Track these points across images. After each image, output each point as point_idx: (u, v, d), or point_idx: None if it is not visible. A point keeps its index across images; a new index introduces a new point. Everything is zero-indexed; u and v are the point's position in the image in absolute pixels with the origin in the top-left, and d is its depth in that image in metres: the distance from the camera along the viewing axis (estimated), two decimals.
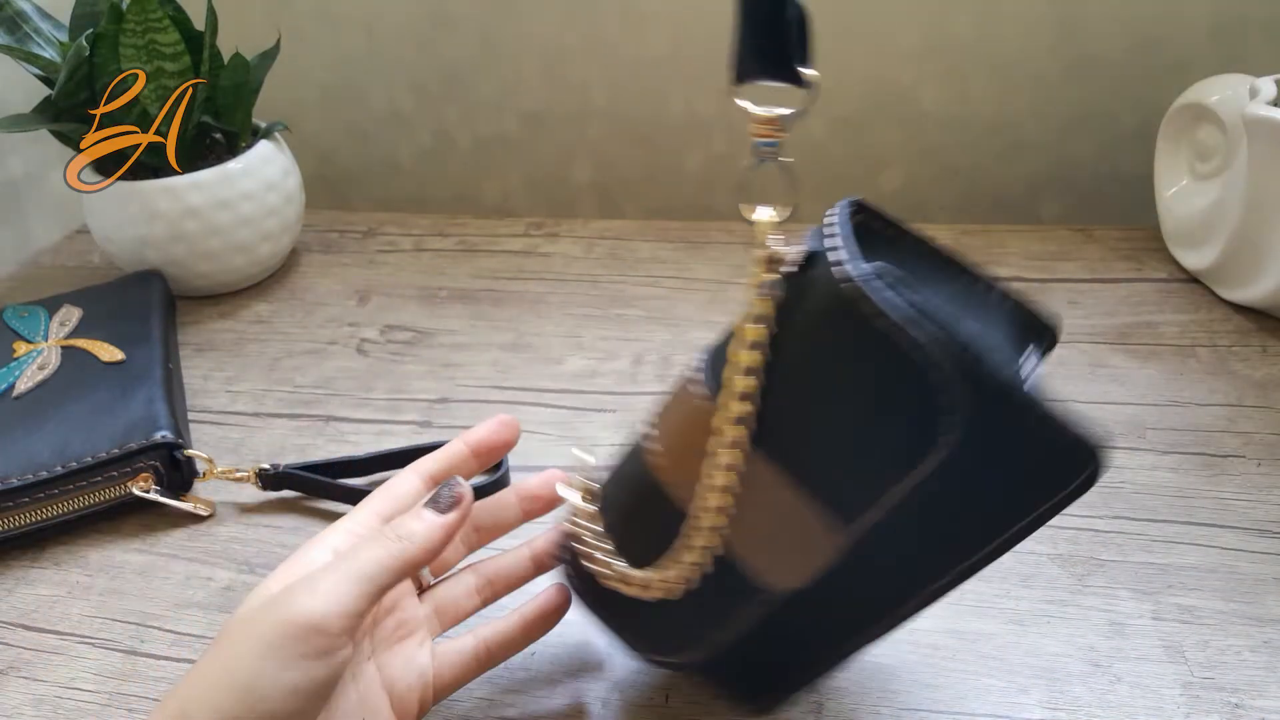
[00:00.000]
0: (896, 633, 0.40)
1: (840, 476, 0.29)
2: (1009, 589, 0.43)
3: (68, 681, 0.42)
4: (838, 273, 0.27)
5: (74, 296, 0.64)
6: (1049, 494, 0.30)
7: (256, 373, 0.62)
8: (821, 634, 0.34)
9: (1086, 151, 0.77)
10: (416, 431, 0.56)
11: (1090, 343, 0.60)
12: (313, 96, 0.86)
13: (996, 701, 0.38)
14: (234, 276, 0.70)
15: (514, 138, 0.85)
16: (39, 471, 0.48)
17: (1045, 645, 0.40)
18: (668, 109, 0.81)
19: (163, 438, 0.50)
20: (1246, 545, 0.44)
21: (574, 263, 0.73)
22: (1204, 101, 0.63)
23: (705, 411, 0.30)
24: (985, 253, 0.70)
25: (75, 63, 0.61)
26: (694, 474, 0.30)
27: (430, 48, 0.82)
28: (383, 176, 0.89)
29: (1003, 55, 0.74)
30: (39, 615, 0.45)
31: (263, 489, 0.51)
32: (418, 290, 0.70)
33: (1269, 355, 0.57)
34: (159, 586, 0.46)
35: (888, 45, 0.75)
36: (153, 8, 0.60)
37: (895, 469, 0.28)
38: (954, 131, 0.78)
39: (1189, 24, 0.71)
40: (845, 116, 0.78)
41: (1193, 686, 0.38)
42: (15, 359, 0.58)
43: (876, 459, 0.28)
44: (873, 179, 0.81)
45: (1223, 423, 0.52)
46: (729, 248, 0.73)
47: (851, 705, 0.38)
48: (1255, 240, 0.58)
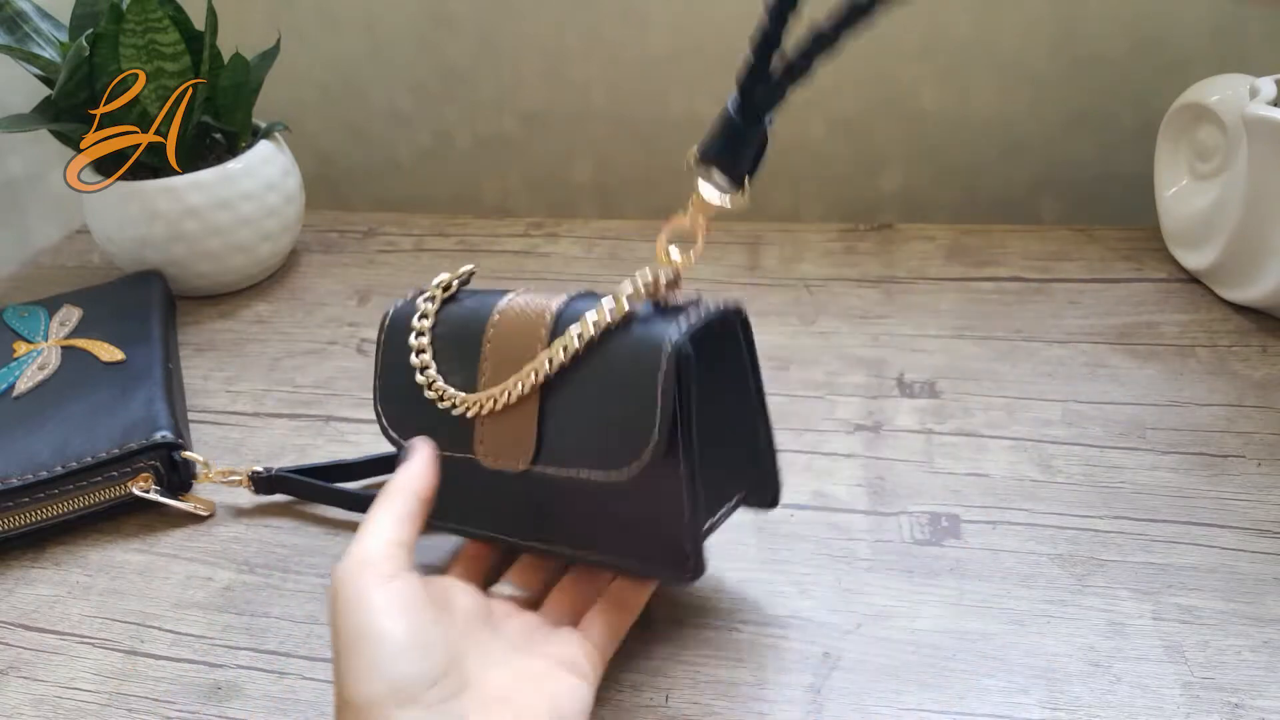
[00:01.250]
0: (894, 631, 0.40)
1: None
2: (1009, 589, 0.43)
3: (68, 681, 0.42)
4: (678, 334, 0.37)
5: (74, 296, 0.64)
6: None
7: (256, 373, 0.62)
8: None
9: (1086, 151, 0.77)
10: None
11: (1090, 343, 0.60)
12: (313, 96, 0.86)
13: (996, 701, 0.38)
14: (234, 276, 0.70)
15: (514, 138, 0.85)
16: (39, 471, 0.48)
17: (1045, 645, 0.40)
18: (668, 109, 0.81)
19: (163, 438, 0.50)
20: (1246, 545, 0.44)
21: (574, 263, 0.73)
22: (1204, 101, 0.63)
23: (538, 341, 0.40)
24: (985, 253, 0.70)
25: (75, 63, 0.61)
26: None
27: (430, 48, 0.82)
28: (383, 176, 0.89)
29: (1003, 55, 0.74)
30: (39, 615, 0.45)
31: (255, 492, 0.51)
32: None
33: (1269, 355, 0.57)
34: (159, 586, 0.46)
35: (888, 45, 0.75)
36: (153, 8, 0.60)
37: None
38: (954, 131, 0.78)
39: (1189, 24, 0.71)
40: (845, 116, 0.78)
41: (1193, 686, 0.38)
42: (15, 359, 0.58)
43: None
44: (873, 179, 0.81)
45: (1223, 423, 0.52)
46: (729, 247, 0.73)
47: (851, 705, 0.38)
48: (1255, 240, 0.58)
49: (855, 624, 0.42)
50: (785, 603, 0.43)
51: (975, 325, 0.62)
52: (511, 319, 0.41)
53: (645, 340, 0.37)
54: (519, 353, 0.40)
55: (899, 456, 0.51)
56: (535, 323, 0.40)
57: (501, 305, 0.42)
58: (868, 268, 0.70)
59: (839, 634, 0.41)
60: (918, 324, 0.63)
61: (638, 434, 0.37)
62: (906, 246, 0.72)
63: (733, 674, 0.40)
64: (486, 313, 0.42)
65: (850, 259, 0.71)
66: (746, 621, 0.42)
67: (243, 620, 0.44)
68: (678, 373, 0.36)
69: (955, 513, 0.47)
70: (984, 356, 0.59)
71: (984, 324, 0.62)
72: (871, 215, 0.82)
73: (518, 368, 0.40)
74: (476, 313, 0.42)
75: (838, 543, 0.46)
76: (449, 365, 0.42)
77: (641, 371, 0.37)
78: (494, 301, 0.42)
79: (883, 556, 0.45)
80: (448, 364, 0.43)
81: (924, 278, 0.68)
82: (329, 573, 0.46)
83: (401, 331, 0.44)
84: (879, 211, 0.82)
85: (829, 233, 0.75)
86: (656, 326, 0.38)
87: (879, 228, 0.75)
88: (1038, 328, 0.61)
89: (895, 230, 0.75)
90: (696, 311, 0.39)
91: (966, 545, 0.46)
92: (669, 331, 0.37)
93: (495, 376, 0.41)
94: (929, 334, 0.62)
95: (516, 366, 0.40)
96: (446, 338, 0.43)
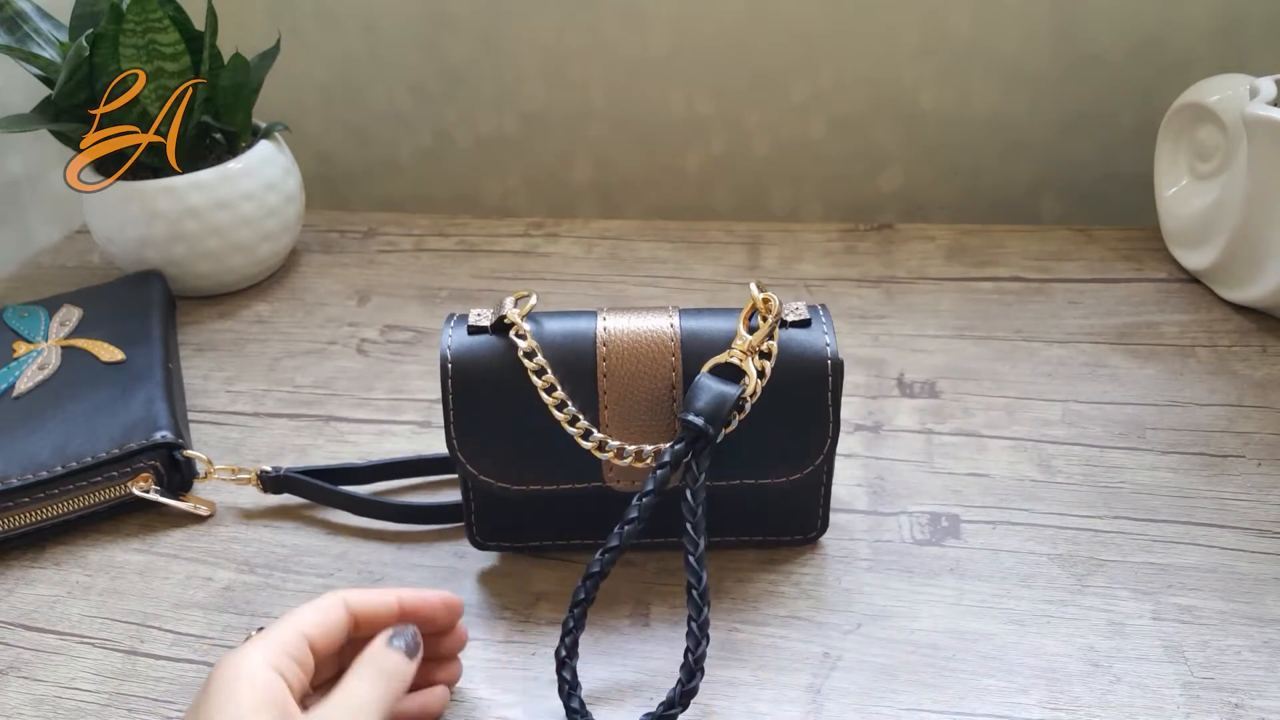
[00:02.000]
0: (894, 631, 0.40)
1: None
2: (1009, 589, 0.43)
3: (68, 681, 0.42)
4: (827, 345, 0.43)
5: (74, 296, 0.64)
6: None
7: (256, 373, 0.62)
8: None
9: (1086, 151, 0.77)
10: (416, 432, 0.56)
11: (1090, 343, 0.60)
12: (313, 96, 0.86)
13: (996, 701, 0.38)
14: (234, 276, 0.70)
15: (514, 138, 0.85)
16: (39, 471, 0.48)
17: (1045, 645, 0.40)
18: (668, 109, 0.81)
19: (163, 438, 0.50)
20: (1246, 545, 0.44)
21: (574, 263, 0.73)
22: (1204, 101, 0.63)
23: (672, 369, 0.42)
24: (985, 253, 0.70)
25: (75, 63, 0.61)
26: None
27: (430, 48, 0.82)
28: (383, 176, 0.89)
29: (1003, 55, 0.74)
30: (39, 615, 0.45)
31: (264, 491, 0.51)
32: (418, 290, 0.70)
33: (1269, 355, 0.57)
34: (159, 586, 0.46)
35: (888, 45, 0.75)
36: (153, 8, 0.60)
37: None
38: (954, 131, 0.78)
39: (1189, 24, 0.71)
40: (845, 116, 0.79)
41: (1193, 686, 0.38)
42: (15, 359, 0.58)
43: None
44: (873, 179, 0.81)
45: (1223, 423, 0.52)
46: (729, 247, 0.73)
47: (852, 705, 0.38)
48: (1255, 240, 0.58)
49: (855, 624, 0.42)
50: (785, 603, 0.43)
51: (975, 325, 0.62)
52: (625, 347, 0.42)
53: (803, 357, 0.42)
54: (646, 382, 0.42)
55: (899, 456, 0.51)
56: (658, 349, 0.42)
57: (603, 333, 0.42)
58: (868, 268, 0.70)
59: (839, 634, 0.41)
60: (918, 324, 0.63)
61: (815, 443, 0.42)
62: (906, 246, 0.72)
63: (733, 674, 0.40)
64: (589, 341, 0.42)
65: (850, 259, 0.71)
66: (746, 621, 0.42)
67: (243, 620, 0.44)
68: (839, 381, 0.41)
69: (955, 513, 0.47)
70: (984, 356, 0.59)
71: (984, 324, 0.62)
72: (871, 215, 0.82)
73: (646, 397, 0.42)
74: (575, 342, 0.42)
75: (838, 543, 0.46)
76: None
77: (811, 387, 0.41)
78: (589, 328, 0.42)
79: (883, 556, 0.45)
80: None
81: (924, 278, 0.68)
82: (328, 574, 0.46)
83: (477, 369, 0.42)
84: (879, 211, 0.82)
85: (829, 233, 0.75)
86: (805, 342, 0.42)
87: (879, 228, 0.75)
88: (1038, 328, 0.61)
89: (895, 230, 0.75)
90: (820, 320, 0.43)
91: (966, 545, 0.46)
92: (821, 347, 0.42)
93: (619, 408, 0.42)
94: (929, 334, 0.62)
95: (644, 396, 0.42)
96: (553, 370, 0.42)
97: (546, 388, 0.41)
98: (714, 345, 0.41)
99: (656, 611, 0.43)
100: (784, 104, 0.78)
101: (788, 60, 0.77)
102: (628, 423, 0.42)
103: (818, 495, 0.45)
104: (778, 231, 0.75)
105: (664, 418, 0.42)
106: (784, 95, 0.78)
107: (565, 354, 0.42)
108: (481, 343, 0.43)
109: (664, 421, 0.42)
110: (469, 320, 0.44)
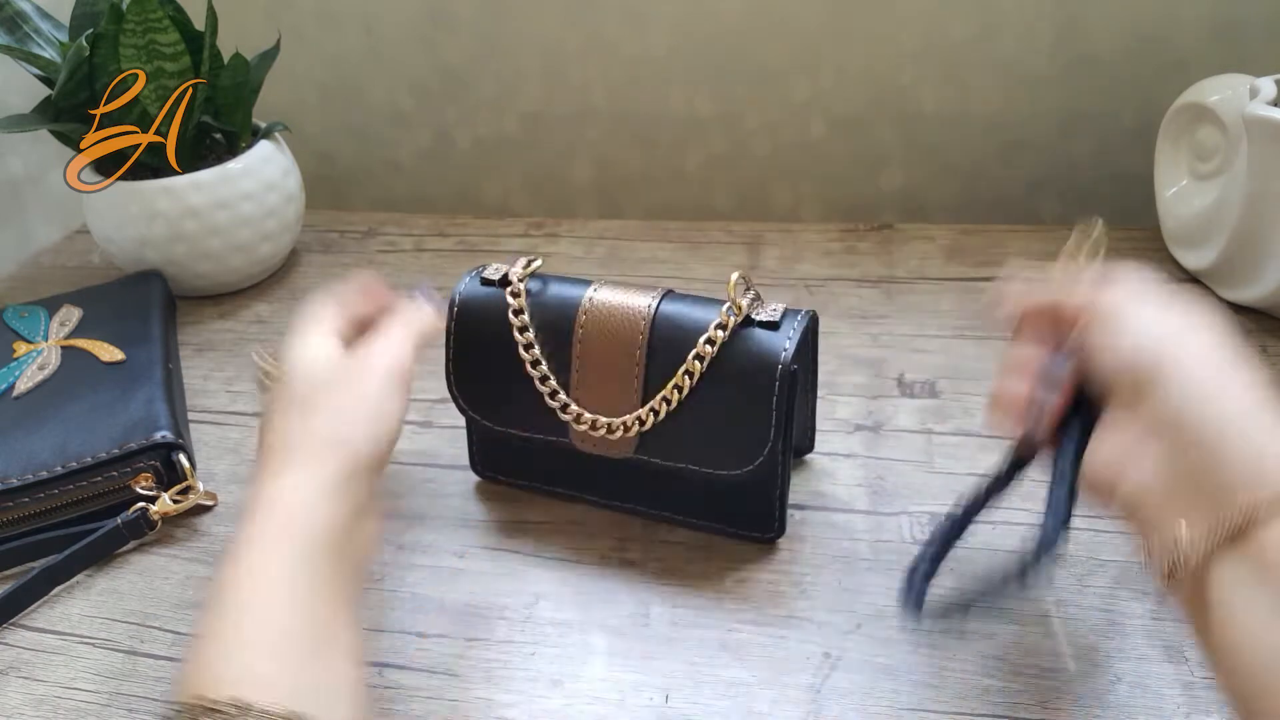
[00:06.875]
0: (894, 632, 0.40)
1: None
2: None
3: (68, 681, 0.42)
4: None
5: (74, 296, 0.64)
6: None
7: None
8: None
9: (1086, 151, 0.77)
10: (417, 431, 0.56)
11: None
12: (313, 96, 0.86)
13: (996, 702, 0.38)
14: (234, 276, 0.70)
15: (514, 138, 0.85)
16: (39, 471, 0.48)
17: (1044, 645, 0.40)
18: (668, 109, 0.81)
19: (163, 438, 0.50)
20: None
21: (574, 263, 0.73)
22: (1204, 101, 0.63)
23: (637, 347, 0.44)
24: (985, 253, 0.70)
25: (75, 63, 0.61)
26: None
27: (430, 48, 0.82)
28: (383, 176, 0.89)
29: (1003, 55, 0.74)
30: (39, 615, 0.45)
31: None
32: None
33: (1269, 355, 0.57)
34: (159, 586, 0.46)
35: (888, 45, 0.75)
36: (153, 8, 0.60)
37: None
38: (954, 131, 0.78)
39: (1189, 24, 0.71)
40: (845, 116, 0.78)
41: (1193, 686, 0.38)
42: (15, 359, 0.58)
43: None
44: (873, 179, 0.81)
45: None
46: (729, 247, 0.73)
47: (852, 705, 0.38)
48: (1255, 240, 0.58)
49: (855, 624, 0.42)
50: (785, 603, 0.43)
51: (975, 325, 0.62)
52: (602, 319, 0.44)
53: (757, 358, 0.42)
54: (615, 355, 0.44)
55: (899, 456, 0.51)
56: (630, 326, 0.43)
57: (587, 303, 0.44)
58: (868, 268, 0.70)
59: (839, 634, 0.41)
60: (918, 324, 0.63)
61: (754, 443, 0.42)
62: (906, 246, 0.72)
63: (733, 674, 0.40)
64: (572, 309, 0.45)
65: (850, 259, 0.71)
66: (746, 621, 0.42)
67: None
68: (788, 389, 0.41)
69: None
70: (984, 356, 0.59)
71: (984, 324, 0.62)
72: (871, 215, 0.82)
73: (614, 368, 0.44)
74: (562, 307, 0.45)
75: (838, 543, 0.46)
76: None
77: (757, 388, 0.42)
78: (577, 296, 0.45)
79: (883, 556, 0.45)
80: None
81: (924, 278, 0.68)
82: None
83: (477, 316, 0.46)
84: (879, 211, 0.82)
85: (829, 233, 0.75)
86: (764, 343, 0.42)
87: (879, 228, 0.75)
88: None
89: (895, 230, 0.75)
90: (791, 325, 0.43)
91: (966, 545, 0.45)
92: (777, 351, 0.42)
93: (588, 374, 0.44)
94: (929, 334, 0.62)
95: (613, 367, 0.44)
96: (536, 329, 0.45)
97: (525, 344, 0.45)
98: (685, 331, 0.43)
99: (657, 611, 0.43)
100: (784, 104, 0.78)
101: (788, 60, 0.77)
102: (594, 390, 0.44)
103: (772, 495, 0.45)
104: (778, 231, 0.75)
105: (627, 391, 0.44)
106: (784, 95, 0.78)
107: (553, 316, 0.45)
108: (487, 294, 0.47)
109: (627, 394, 0.44)
110: (483, 273, 0.48)
